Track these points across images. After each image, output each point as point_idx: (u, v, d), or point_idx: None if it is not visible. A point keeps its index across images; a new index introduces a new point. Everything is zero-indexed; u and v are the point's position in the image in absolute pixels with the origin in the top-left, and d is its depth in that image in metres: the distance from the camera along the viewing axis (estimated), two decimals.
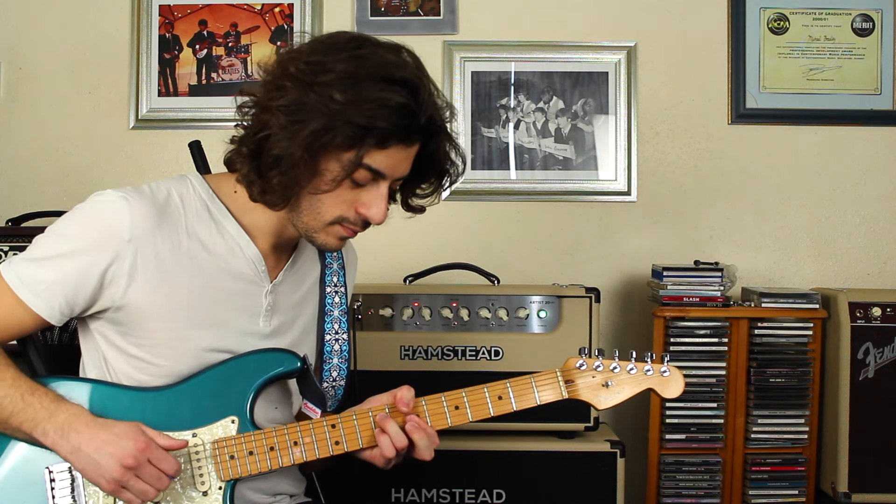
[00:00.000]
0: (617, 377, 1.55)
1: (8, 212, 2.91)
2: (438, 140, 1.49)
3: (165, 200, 1.48)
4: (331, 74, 1.37)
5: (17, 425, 1.41)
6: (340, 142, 1.38)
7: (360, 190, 1.44)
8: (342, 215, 1.46)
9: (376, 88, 1.37)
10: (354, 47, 1.41)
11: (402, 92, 1.38)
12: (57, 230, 1.46)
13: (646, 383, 1.56)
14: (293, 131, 1.37)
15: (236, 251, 1.52)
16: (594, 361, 1.55)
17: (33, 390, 1.42)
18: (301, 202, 1.45)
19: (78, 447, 1.39)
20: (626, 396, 1.56)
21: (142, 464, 1.37)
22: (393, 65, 1.41)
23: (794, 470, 2.65)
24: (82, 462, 1.39)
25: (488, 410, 1.53)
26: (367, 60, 1.39)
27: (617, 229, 3.06)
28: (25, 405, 1.40)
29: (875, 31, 3.05)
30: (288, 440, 1.48)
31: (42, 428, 1.40)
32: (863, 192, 3.06)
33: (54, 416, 1.40)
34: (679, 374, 1.56)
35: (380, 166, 1.42)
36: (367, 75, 1.37)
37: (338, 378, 1.64)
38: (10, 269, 1.44)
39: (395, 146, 1.41)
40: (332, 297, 1.66)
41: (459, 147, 1.54)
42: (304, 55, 1.41)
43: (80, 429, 1.39)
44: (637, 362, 1.56)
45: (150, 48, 3.07)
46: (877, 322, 2.63)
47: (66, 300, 1.43)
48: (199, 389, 1.48)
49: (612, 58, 3.05)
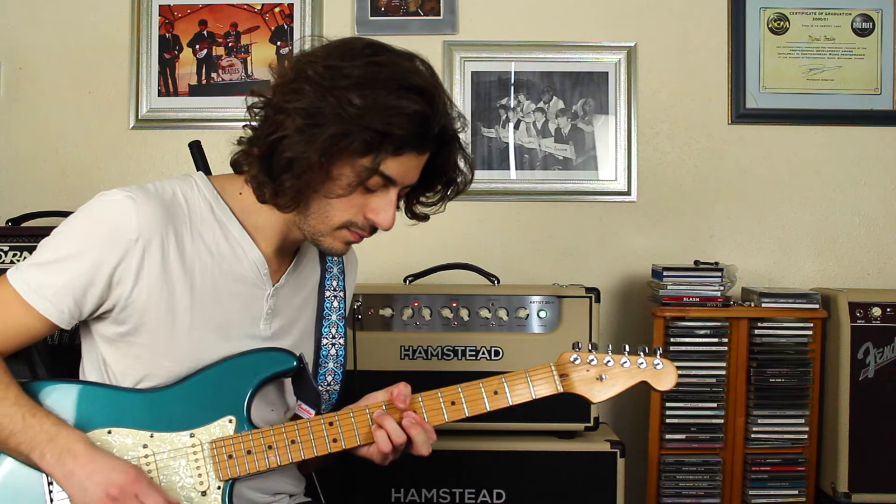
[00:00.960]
0: (611, 370, 1.56)
1: (8, 212, 2.91)
2: (449, 149, 1.49)
3: (171, 200, 1.48)
4: (349, 79, 1.37)
5: (14, 446, 1.40)
6: (357, 147, 1.38)
7: (370, 195, 1.44)
8: (351, 220, 1.46)
9: (394, 95, 1.37)
10: (371, 53, 1.41)
11: (418, 100, 1.38)
12: (63, 232, 1.45)
13: (639, 376, 1.57)
14: (310, 135, 1.37)
15: (239, 254, 1.51)
16: (588, 355, 1.56)
17: (34, 412, 1.41)
18: (310, 205, 1.45)
19: (72, 472, 1.38)
20: (620, 389, 1.57)
21: (127, 496, 1.37)
22: (409, 72, 1.41)
23: (794, 470, 2.65)
24: (73, 487, 1.39)
25: (484, 405, 1.53)
26: (384, 67, 1.39)
27: (617, 229, 3.06)
28: (25, 426, 1.40)
29: (875, 31, 3.05)
30: (286, 438, 1.48)
31: (40, 451, 1.39)
32: (863, 192, 3.06)
33: (54, 440, 1.40)
34: (672, 366, 1.58)
35: (392, 173, 1.42)
36: (384, 82, 1.37)
37: (332, 382, 1.65)
38: (19, 275, 1.43)
39: (408, 153, 1.41)
40: (331, 302, 1.66)
41: (469, 157, 1.54)
42: (320, 59, 1.40)
43: (78, 454, 1.39)
44: (630, 356, 1.57)
45: (150, 48, 3.07)
46: (877, 322, 2.63)
47: (76, 302, 1.43)
48: (195, 390, 1.48)
49: (612, 58, 3.05)
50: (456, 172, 1.53)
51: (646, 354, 1.58)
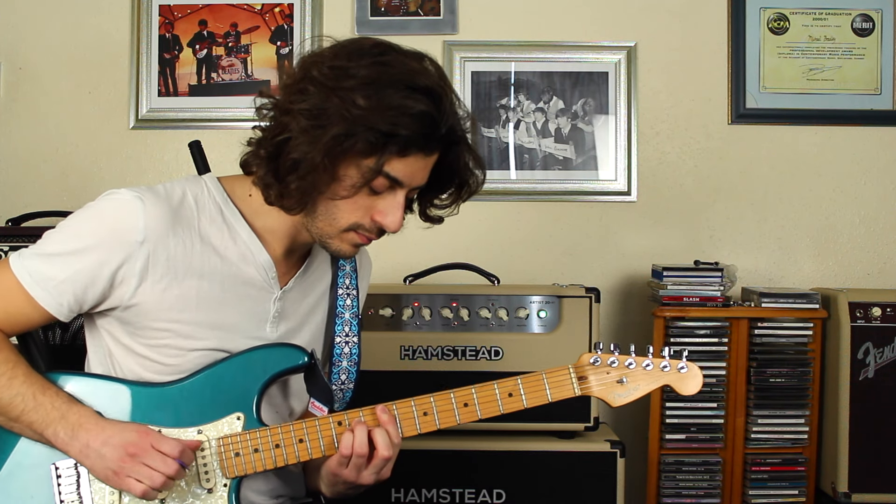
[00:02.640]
0: (632, 373, 1.52)
1: (8, 212, 2.91)
2: (458, 150, 1.47)
3: (180, 202, 1.47)
4: (354, 80, 1.36)
5: (27, 424, 1.41)
6: (361, 148, 1.37)
7: (377, 197, 1.43)
8: (358, 222, 1.45)
9: (399, 95, 1.36)
10: (378, 53, 1.40)
11: (424, 100, 1.37)
12: (69, 226, 1.45)
13: (663, 379, 1.52)
14: (314, 135, 1.36)
15: (247, 256, 1.51)
16: (609, 357, 1.52)
17: (45, 389, 1.42)
18: (317, 207, 1.44)
19: (87, 444, 1.40)
20: (641, 393, 1.52)
21: (144, 449, 1.38)
22: (416, 72, 1.40)
23: (794, 470, 2.65)
24: (91, 459, 1.40)
25: (498, 408, 1.50)
26: (390, 67, 1.38)
27: (617, 229, 3.06)
28: (37, 404, 1.41)
29: (875, 31, 3.05)
30: (294, 437, 1.48)
31: (53, 429, 1.41)
32: (863, 192, 3.06)
33: (66, 416, 1.41)
34: (697, 370, 1.53)
35: (398, 174, 1.41)
36: (390, 82, 1.36)
37: (346, 381, 1.64)
38: (20, 262, 1.43)
39: (414, 154, 1.40)
40: (344, 300, 1.65)
41: (481, 158, 1.52)
42: (326, 59, 1.40)
43: (90, 427, 1.40)
44: (654, 358, 1.52)
45: (150, 48, 3.07)
46: (877, 322, 2.63)
47: (76, 298, 1.43)
48: (205, 386, 1.48)
49: (612, 58, 3.05)
50: (467, 174, 1.51)
51: (670, 357, 1.53)
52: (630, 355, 1.53)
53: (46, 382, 1.43)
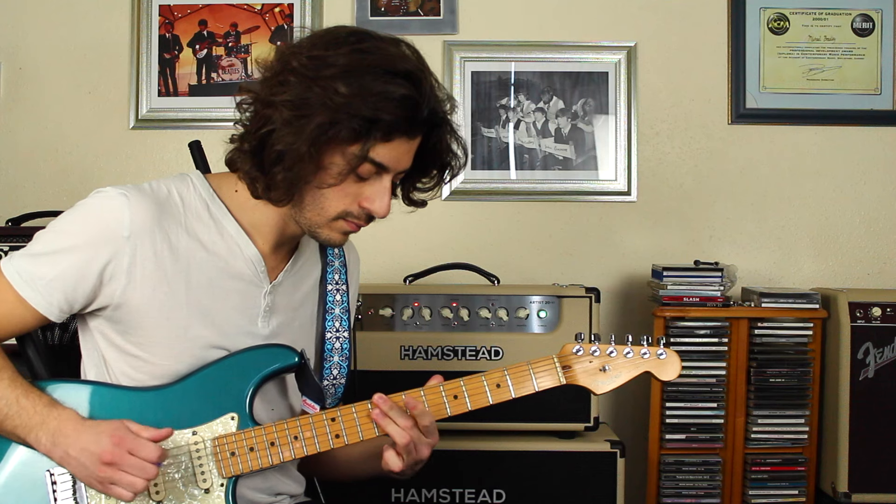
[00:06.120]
0: (614, 361, 1.55)
1: (8, 212, 2.91)
2: (440, 132, 1.48)
3: (166, 199, 1.48)
4: (334, 68, 1.37)
5: (11, 429, 1.41)
6: (346, 135, 1.37)
7: (364, 184, 1.44)
8: (346, 210, 1.46)
9: (380, 81, 1.37)
10: (355, 41, 1.41)
11: (405, 84, 1.38)
12: (57, 226, 1.46)
13: (643, 366, 1.56)
14: (298, 126, 1.37)
15: (235, 251, 1.51)
16: (591, 346, 1.56)
17: (28, 393, 1.42)
18: (305, 197, 1.45)
19: (67, 452, 1.39)
20: (623, 380, 1.56)
21: (121, 457, 1.37)
22: (395, 57, 1.41)
23: (794, 470, 2.65)
24: (73, 467, 1.40)
25: (487, 399, 1.53)
26: (369, 54, 1.39)
27: (617, 229, 3.06)
28: (20, 408, 1.40)
29: (875, 31, 3.05)
30: (288, 435, 1.48)
31: (35, 434, 1.40)
32: (863, 192, 3.06)
33: (46, 422, 1.40)
34: (675, 356, 1.56)
35: (383, 159, 1.42)
36: (369, 68, 1.37)
37: (338, 376, 1.64)
38: (10, 264, 1.44)
39: (398, 139, 1.41)
40: (334, 295, 1.66)
41: (462, 139, 1.54)
42: (304, 50, 1.41)
43: (68, 433, 1.40)
44: (633, 346, 1.56)
45: (150, 48, 3.07)
46: (877, 322, 2.63)
47: (66, 296, 1.43)
48: (197, 387, 1.48)
49: (612, 58, 3.05)
50: (450, 155, 1.52)
51: (649, 345, 1.56)
52: (610, 344, 1.56)
53: (30, 386, 1.43)
